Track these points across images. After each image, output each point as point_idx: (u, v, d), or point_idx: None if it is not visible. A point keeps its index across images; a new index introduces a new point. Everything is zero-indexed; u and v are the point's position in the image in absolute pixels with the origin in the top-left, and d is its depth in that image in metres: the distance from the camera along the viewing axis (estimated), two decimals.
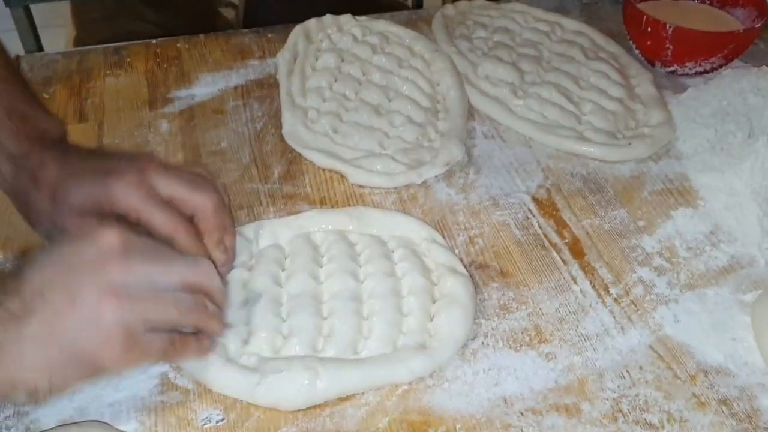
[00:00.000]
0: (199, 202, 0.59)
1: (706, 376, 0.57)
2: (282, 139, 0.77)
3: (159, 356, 0.52)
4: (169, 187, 0.58)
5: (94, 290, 0.47)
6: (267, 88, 0.85)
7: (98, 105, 0.82)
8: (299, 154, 0.76)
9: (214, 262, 0.56)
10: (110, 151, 0.63)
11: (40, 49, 1.13)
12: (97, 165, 0.59)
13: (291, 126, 0.78)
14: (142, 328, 0.49)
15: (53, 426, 0.52)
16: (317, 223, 0.67)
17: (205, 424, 0.53)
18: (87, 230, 0.51)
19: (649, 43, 0.86)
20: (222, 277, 0.57)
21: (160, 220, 0.57)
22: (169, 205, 0.58)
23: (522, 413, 0.54)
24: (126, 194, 0.57)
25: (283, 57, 0.86)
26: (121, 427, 0.52)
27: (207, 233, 0.59)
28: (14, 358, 0.46)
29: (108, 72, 0.87)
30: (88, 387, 0.54)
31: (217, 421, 0.54)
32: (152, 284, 0.50)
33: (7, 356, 0.46)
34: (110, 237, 0.49)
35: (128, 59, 0.89)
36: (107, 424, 0.52)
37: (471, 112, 0.82)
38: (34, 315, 0.46)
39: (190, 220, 0.59)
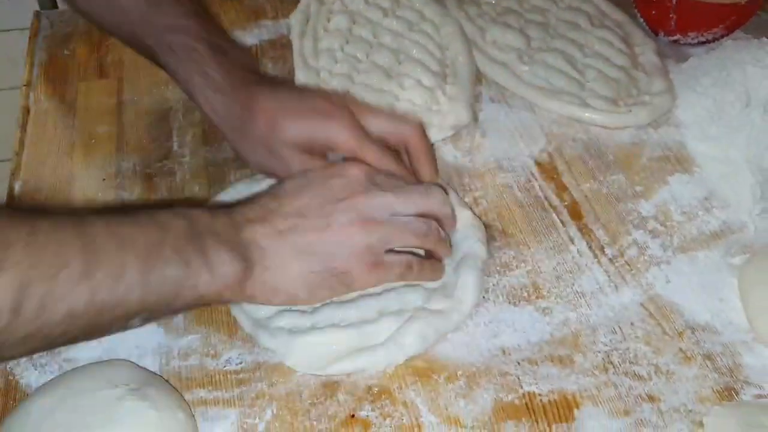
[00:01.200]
0: (408, 131, 0.64)
1: (693, 333, 0.61)
2: None
3: (399, 276, 0.59)
4: (379, 124, 0.63)
5: (346, 217, 0.56)
6: (280, 48, 0.87)
7: (118, 62, 0.84)
8: None
9: None
10: (314, 90, 0.70)
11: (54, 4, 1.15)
12: (312, 104, 0.63)
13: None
14: (383, 251, 0.57)
15: (84, 364, 0.56)
16: None
17: (225, 366, 0.57)
18: (335, 166, 0.59)
19: (653, 12, 0.88)
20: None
21: (374, 156, 0.62)
22: (379, 142, 0.63)
23: (519, 363, 0.58)
24: (342, 134, 0.61)
25: (295, 18, 0.88)
26: (146, 367, 0.56)
27: (416, 159, 0.64)
28: (279, 268, 0.54)
29: None
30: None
31: (237, 364, 0.58)
32: (393, 212, 0.57)
33: (274, 266, 0.54)
34: (357, 171, 0.58)
35: None
36: (134, 363, 0.56)
37: (478, 77, 0.84)
38: (296, 233, 0.55)
39: (398, 155, 0.64)
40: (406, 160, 0.65)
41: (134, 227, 0.49)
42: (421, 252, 0.61)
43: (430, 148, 0.66)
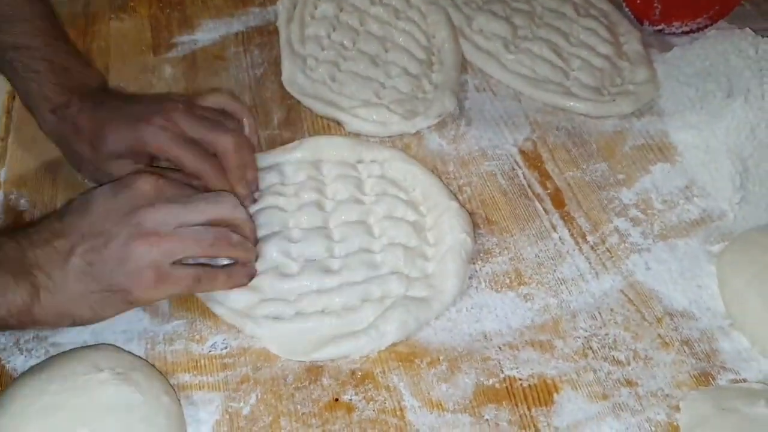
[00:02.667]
0: (220, 143, 0.64)
1: (672, 319, 0.62)
2: (281, 86, 0.80)
3: (187, 288, 0.57)
4: (192, 129, 0.63)
5: (126, 233, 0.54)
6: (267, 35, 0.87)
7: (104, 49, 0.84)
8: (298, 101, 0.79)
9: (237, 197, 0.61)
10: (142, 97, 0.69)
11: None
12: (128, 113, 0.63)
13: (290, 73, 0.80)
14: (168, 264, 0.54)
15: (70, 349, 0.56)
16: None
17: (210, 351, 0.58)
18: (125, 178, 0.57)
19: (638, 1, 0.89)
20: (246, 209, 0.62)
21: (188, 159, 0.62)
22: (196, 143, 0.63)
23: (500, 347, 0.59)
24: (155, 138, 0.62)
25: (282, 4, 0.88)
26: (131, 352, 0.57)
27: (229, 170, 0.64)
28: (61, 292, 0.53)
29: (113, 16, 0.89)
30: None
31: (222, 349, 0.58)
32: (179, 223, 0.55)
33: (56, 289, 0.53)
34: (144, 184, 0.56)
35: (132, 3, 0.91)
36: (119, 347, 0.57)
37: (464, 65, 0.84)
38: (75, 254, 0.53)
39: (215, 157, 0.64)
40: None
41: None
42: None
43: (245, 160, 0.65)
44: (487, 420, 0.55)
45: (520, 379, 0.57)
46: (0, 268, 0.51)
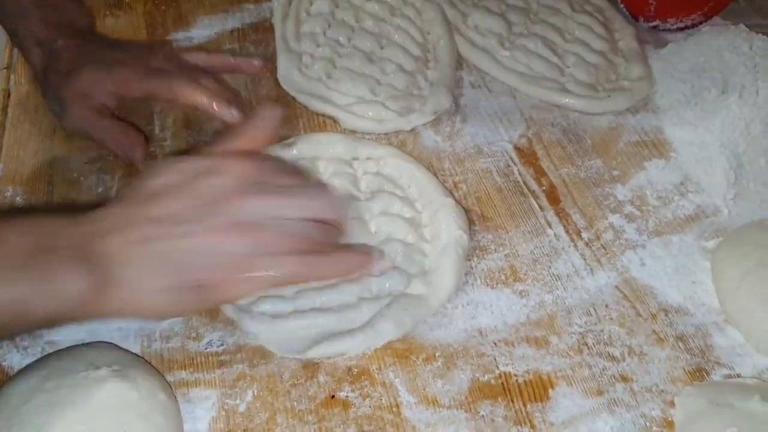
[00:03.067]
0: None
1: (666, 315, 0.62)
2: (277, 83, 0.80)
3: (280, 283, 0.52)
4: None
5: (211, 224, 0.48)
6: (262, 32, 0.87)
7: None
8: (293, 98, 0.79)
9: None
10: (128, 44, 0.71)
11: None
12: (110, 56, 0.66)
13: (286, 70, 0.80)
14: (258, 257, 0.49)
15: (66, 346, 0.56)
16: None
17: (206, 348, 0.58)
18: (207, 160, 0.51)
19: None
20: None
21: (163, 88, 0.64)
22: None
23: (495, 344, 0.59)
24: (126, 77, 0.64)
25: (278, 1, 0.88)
26: (128, 349, 0.57)
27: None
28: (135, 283, 0.48)
29: (107, 13, 0.88)
30: None
31: (218, 346, 0.58)
32: (273, 216, 0.50)
33: (127, 282, 0.47)
34: (232, 169, 0.50)
35: (127, 0, 0.90)
36: (116, 345, 0.57)
37: (459, 62, 0.84)
38: (150, 245, 0.48)
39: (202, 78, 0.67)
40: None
41: None
42: None
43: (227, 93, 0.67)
44: (482, 416, 0.55)
45: (516, 375, 0.58)
46: (65, 256, 0.46)
